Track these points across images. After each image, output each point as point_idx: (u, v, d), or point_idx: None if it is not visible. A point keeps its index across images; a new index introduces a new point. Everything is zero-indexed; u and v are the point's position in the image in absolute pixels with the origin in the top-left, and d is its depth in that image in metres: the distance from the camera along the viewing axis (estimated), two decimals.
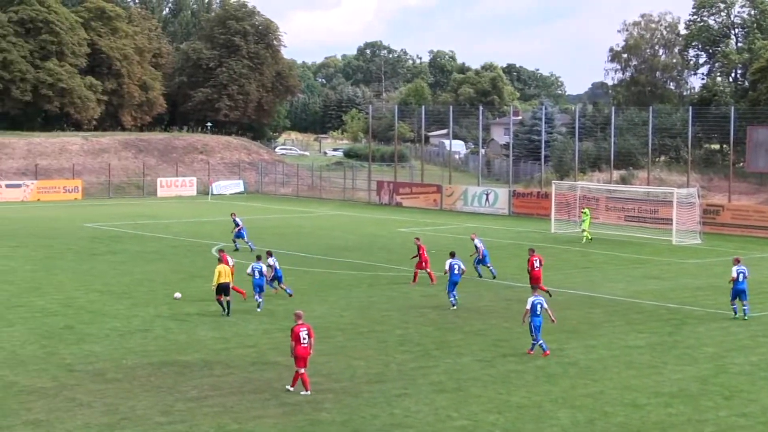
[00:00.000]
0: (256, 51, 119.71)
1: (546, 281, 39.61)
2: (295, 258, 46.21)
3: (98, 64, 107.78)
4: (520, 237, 57.10)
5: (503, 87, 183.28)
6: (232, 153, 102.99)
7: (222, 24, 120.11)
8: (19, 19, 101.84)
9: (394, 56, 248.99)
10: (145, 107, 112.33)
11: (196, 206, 76.55)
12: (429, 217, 68.48)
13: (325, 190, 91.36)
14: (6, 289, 36.30)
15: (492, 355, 26.82)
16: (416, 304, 34.18)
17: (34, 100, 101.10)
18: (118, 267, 42.46)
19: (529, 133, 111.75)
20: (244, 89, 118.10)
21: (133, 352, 26.64)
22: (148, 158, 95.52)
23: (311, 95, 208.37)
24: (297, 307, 33.24)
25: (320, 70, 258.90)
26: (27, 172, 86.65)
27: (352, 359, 26.12)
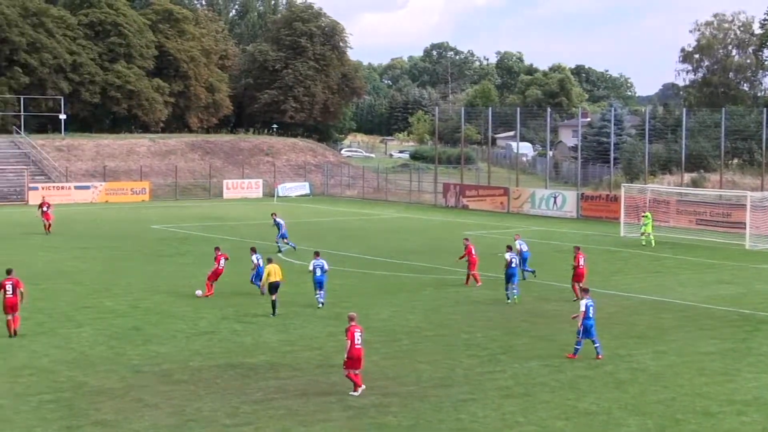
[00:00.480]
0: (322, 52, 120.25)
1: (616, 285, 39.43)
2: (361, 260, 46.33)
3: (165, 66, 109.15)
4: (588, 240, 56.62)
5: (572, 88, 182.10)
6: (298, 155, 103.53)
7: (288, 26, 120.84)
8: (88, 22, 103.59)
9: (460, 57, 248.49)
10: (211, 109, 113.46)
11: (261, 208, 77.01)
12: (496, 220, 68.24)
13: (391, 193, 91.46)
14: (75, 290, 36.88)
15: (560, 360, 26.65)
16: (482, 308, 34.08)
17: (102, 102, 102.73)
18: (185, 269, 42.90)
19: (597, 135, 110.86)
20: (310, 91, 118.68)
21: (199, 353, 26.90)
22: (214, 160, 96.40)
23: (377, 97, 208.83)
24: (360, 309, 33.36)
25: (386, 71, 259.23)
26: (95, 173, 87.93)
27: (418, 363, 26.12)
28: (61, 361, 25.90)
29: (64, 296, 35.51)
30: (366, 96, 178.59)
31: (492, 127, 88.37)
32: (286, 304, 34.04)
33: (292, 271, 41.31)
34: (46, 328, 29.99)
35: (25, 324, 30.30)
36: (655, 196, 62.56)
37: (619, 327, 31.05)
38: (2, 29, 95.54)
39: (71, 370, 24.94)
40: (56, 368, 25.13)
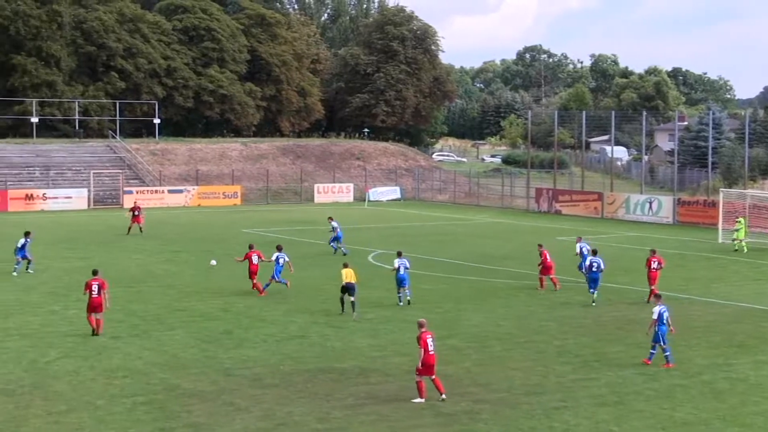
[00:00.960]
0: (414, 56, 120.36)
1: (715, 293, 38.79)
2: (452, 266, 46.25)
3: (257, 70, 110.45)
4: (685, 247, 55.75)
5: (668, 91, 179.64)
6: (389, 159, 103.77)
7: (380, 29, 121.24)
8: (183, 27, 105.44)
9: (554, 60, 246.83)
10: (303, 113, 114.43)
11: (352, 213, 77.38)
12: (589, 226, 67.56)
13: (483, 197, 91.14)
14: (168, 293, 37.45)
15: (655, 368, 26.26)
16: (575, 314, 33.76)
17: (195, 106, 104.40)
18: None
19: (695, 139, 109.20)
20: (401, 95, 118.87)
21: (290, 358, 27.10)
22: (305, 164, 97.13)
23: (469, 101, 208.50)
24: (451, 314, 33.30)
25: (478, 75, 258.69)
26: (188, 177, 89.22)
27: (509, 369, 25.98)
28: (154, 363, 26.33)
29: (157, 299, 36.10)
30: (458, 100, 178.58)
31: (586, 131, 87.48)
32: (376, 309, 34.17)
33: (379, 276, 41.38)
34: (140, 330, 30.52)
35: (119, 326, 30.90)
36: (755, 202, 61.37)
37: (718, 336, 30.52)
38: (100, 35, 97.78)
39: (164, 373, 25.33)
40: (149, 370, 25.55)
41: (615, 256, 50.42)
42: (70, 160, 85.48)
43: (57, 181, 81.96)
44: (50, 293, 37.12)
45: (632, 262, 47.00)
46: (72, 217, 69.53)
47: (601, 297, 37.12)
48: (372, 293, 37.70)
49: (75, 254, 49.01)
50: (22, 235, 42.84)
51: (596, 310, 34.76)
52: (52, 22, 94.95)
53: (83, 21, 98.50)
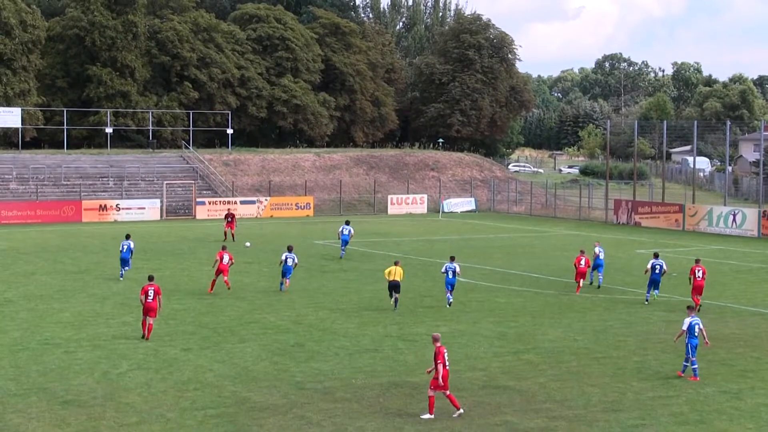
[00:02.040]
0: (490, 65, 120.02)
1: None
2: (528, 279, 45.99)
3: (331, 80, 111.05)
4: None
5: (754, 100, 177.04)
6: (464, 170, 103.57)
7: (456, 38, 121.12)
8: (256, 36, 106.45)
9: (634, 69, 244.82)
10: (377, 123, 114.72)
11: (427, 224, 77.37)
12: (670, 238, 66.74)
13: (560, 209, 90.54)
14: (239, 305, 37.74)
15: (738, 386, 25.83)
16: (655, 330, 33.35)
17: (268, 116, 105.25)
18: (348, 285, 43.39)
19: None
20: (477, 104, 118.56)
21: (362, 371, 27.14)
22: (379, 175, 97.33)
23: (546, 110, 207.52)
24: (527, 329, 33.10)
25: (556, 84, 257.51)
26: (261, 188, 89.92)
27: (586, 386, 25.74)
28: (225, 376, 26.54)
29: (228, 311, 36.40)
30: (535, 109, 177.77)
31: (667, 141, 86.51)
32: (449, 323, 34.10)
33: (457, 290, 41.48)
34: (211, 342, 30.79)
35: (190, 338, 31.25)
36: None
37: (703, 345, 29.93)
38: (174, 45, 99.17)
39: (235, 386, 25.53)
40: (220, 383, 25.76)
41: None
42: (144, 170, 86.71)
43: (130, 191, 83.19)
44: (123, 304, 37.64)
45: (714, 276, 46.31)
46: (145, 228, 70.46)
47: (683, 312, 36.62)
48: (445, 306, 37.65)
49: (148, 265, 49.59)
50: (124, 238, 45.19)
51: (677, 325, 34.19)
52: (127, 33, 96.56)
53: (158, 31, 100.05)
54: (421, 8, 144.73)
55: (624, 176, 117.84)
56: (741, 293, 42.02)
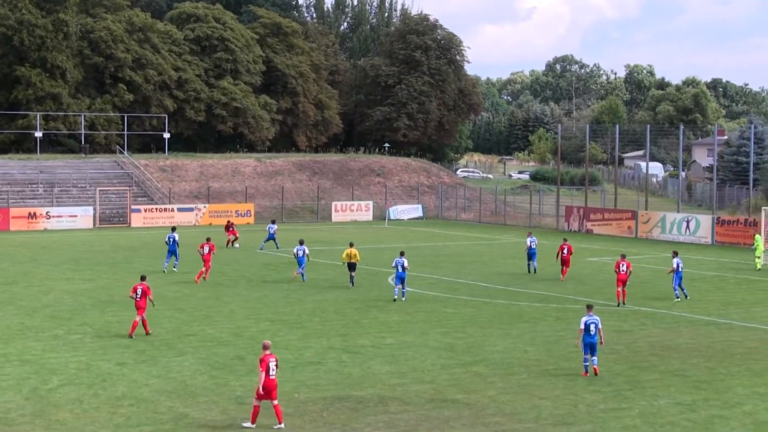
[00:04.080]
0: (438, 67, 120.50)
1: (757, 317, 38.64)
2: (477, 288, 46.17)
3: (273, 82, 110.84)
4: (724, 269, 55.52)
5: (707, 104, 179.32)
6: (411, 176, 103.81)
7: (402, 38, 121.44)
8: (195, 37, 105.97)
9: (586, 71, 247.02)
10: (320, 127, 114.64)
11: (372, 232, 77.43)
12: (622, 246, 67.32)
13: (510, 216, 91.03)
14: (177, 317, 37.52)
15: (692, 398, 26.11)
16: (608, 340, 33.59)
17: (207, 120, 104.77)
18: (291, 295, 43.29)
19: (735, 154, 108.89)
20: (424, 107, 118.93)
21: (305, 385, 27.08)
22: (322, 181, 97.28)
23: (496, 114, 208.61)
24: (475, 340, 33.22)
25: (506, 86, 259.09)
26: (199, 195, 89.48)
27: (537, 398, 25.89)
28: (161, 391, 26.35)
29: (165, 323, 36.16)
30: (484, 113, 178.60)
31: (619, 145, 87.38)
32: (395, 334, 34.13)
33: (399, 298, 41.64)
34: (147, 356, 30.56)
35: (125, 352, 31.00)
36: None
37: (759, 363, 30.33)
38: (108, 46, 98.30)
39: (172, 401, 25.35)
40: (156, 399, 25.58)
41: (649, 279, 50.27)
42: (75, 176, 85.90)
43: (61, 198, 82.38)
44: (53, 317, 37.25)
45: (668, 285, 46.80)
46: (77, 237, 69.83)
47: (637, 321, 37.17)
48: (391, 317, 37.73)
49: (80, 276, 49.20)
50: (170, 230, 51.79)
51: (630, 336, 34.63)
52: (57, 32, 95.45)
53: (90, 31, 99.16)
54: (366, 8, 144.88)
55: (575, 182, 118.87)
56: (695, 302, 42.51)
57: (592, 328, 28.24)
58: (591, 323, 28.25)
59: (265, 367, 23.06)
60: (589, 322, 28.26)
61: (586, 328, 28.24)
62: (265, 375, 23.05)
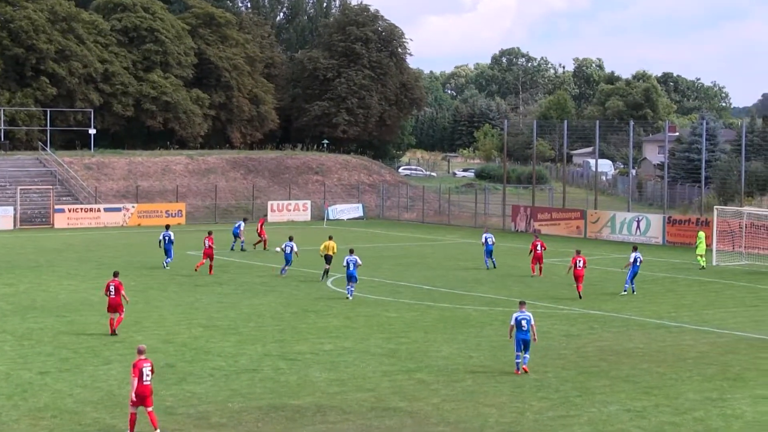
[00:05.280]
0: (379, 60, 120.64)
1: (708, 320, 39.06)
2: (420, 291, 46.27)
3: (205, 75, 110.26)
4: (675, 270, 56.15)
5: (658, 99, 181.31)
6: (351, 173, 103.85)
7: (341, 30, 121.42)
8: (122, 27, 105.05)
9: (533, 65, 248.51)
10: (255, 123, 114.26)
11: (310, 232, 77.32)
12: (571, 246, 67.65)
13: (454, 216, 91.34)
14: (104, 323, 37.16)
15: (642, 404, 26.37)
16: (556, 345, 33.86)
17: (136, 115, 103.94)
18: (225, 299, 43.13)
19: (687, 151, 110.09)
20: (364, 102, 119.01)
21: (240, 394, 26.99)
22: (258, 179, 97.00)
23: (439, 109, 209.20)
24: (419, 345, 33.29)
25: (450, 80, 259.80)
26: (127, 194, 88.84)
27: (482, 406, 26.00)
28: (86, 401, 26.13)
29: (91, 329, 35.87)
30: (427, 108, 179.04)
31: (567, 142, 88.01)
32: (335, 339, 34.11)
33: (339, 303, 41.66)
34: (71, 364, 30.28)
35: (48, 360, 30.70)
36: (752, 221, 61.86)
37: (711, 367, 30.69)
38: (29, 36, 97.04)
39: (98, 412, 25.14)
40: (81, 409, 25.35)
41: (598, 280, 50.70)
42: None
43: None
44: None
45: (618, 287, 47.26)
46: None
47: (585, 325, 37.48)
48: (330, 322, 37.71)
49: (0, 279, 48.62)
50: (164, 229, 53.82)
51: (578, 340, 34.90)
52: None
53: (10, 20, 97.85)
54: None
55: (522, 180, 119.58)
56: (645, 305, 42.94)
57: (524, 324, 29.13)
58: (522, 319, 29.14)
59: (137, 372, 23.10)
60: (520, 318, 29.17)
61: (517, 325, 29.15)
62: (138, 381, 23.05)
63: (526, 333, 29.19)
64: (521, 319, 29.20)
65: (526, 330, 29.18)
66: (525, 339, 29.21)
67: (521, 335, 29.20)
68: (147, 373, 23.21)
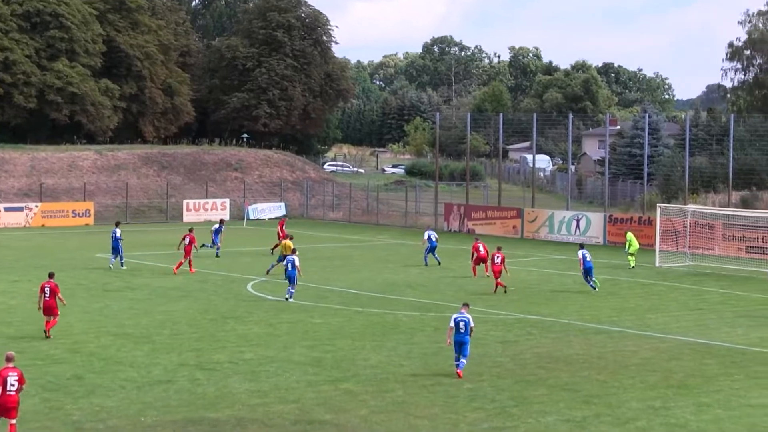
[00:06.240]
0: (302, 48, 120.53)
1: (651, 325, 39.52)
2: (347, 296, 46.29)
3: (115, 64, 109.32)
4: (616, 272, 56.67)
5: (598, 90, 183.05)
6: (272, 170, 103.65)
7: (262, 16, 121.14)
8: (24, 12, 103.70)
9: (467, 54, 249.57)
10: (170, 115, 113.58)
11: (229, 233, 76.93)
12: (507, 247, 68.00)
13: (383, 215, 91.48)
14: (4, 332, 36.79)
15: (583, 414, 26.59)
16: (491, 352, 34.04)
17: (39, 107, 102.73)
18: (136, 306, 42.82)
19: (628, 146, 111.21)
20: (287, 94, 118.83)
21: (153, 407, 26.82)
22: (172, 176, 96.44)
23: (367, 101, 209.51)
24: (346, 353, 33.31)
25: (378, 70, 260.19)
26: (30, 192, 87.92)
27: (414, 417, 26.06)
28: None
29: None
30: (354, 100, 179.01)
31: (503, 136, 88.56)
32: (255, 348, 34.01)
33: (261, 309, 41.59)
34: None
35: None
36: (697, 219, 62.62)
37: (654, 375, 31.02)
38: None
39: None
40: None
41: (536, 282, 51.06)
42: None
43: None
44: None
45: (556, 290, 47.64)
46: None
47: (522, 331, 37.71)
48: (251, 329, 37.60)
49: None
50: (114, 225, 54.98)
51: (516, 347, 35.09)
52: None
53: None
54: None
55: (456, 177, 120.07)
56: (585, 309, 43.31)
57: (462, 326, 29.76)
58: (460, 321, 29.92)
59: (1, 381, 22.86)
60: (458, 319, 29.96)
61: (455, 326, 29.82)
62: (2, 391, 22.83)
63: (463, 335, 29.77)
64: (459, 320, 29.90)
65: (463, 332, 29.75)
66: (461, 341, 29.77)
67: (458, 337, 29.80)
68: (12, 383, 22.88)
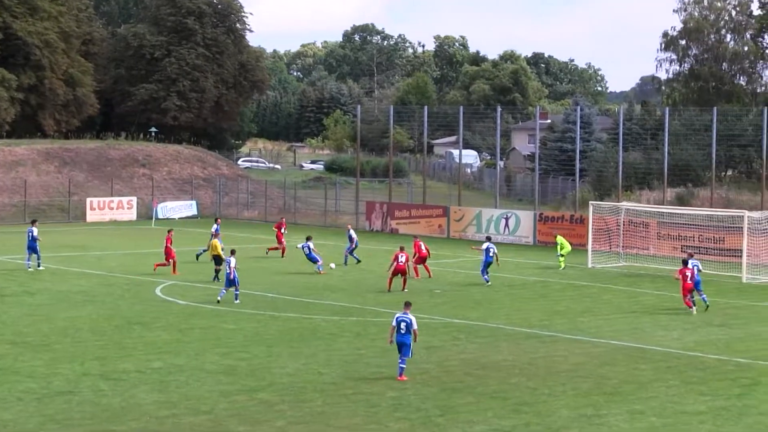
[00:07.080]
0: (215, 37, 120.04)
1: (583, 328, 39.84)
2: (262, 300, 46.17)
3: (12, 53, 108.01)
4: (547, 273, 57.04)
5: (527, 82, 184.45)
6: (183, 166, 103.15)
7: (171, 2, 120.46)
8: None
9: (389, 43, 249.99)
10: (72, 108, 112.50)
11: (136, 234, 76.58)
12: (432, 248, 68.33)
13: (301, 213, 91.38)
14: None
15: (512, 423, 26.74)
16: (416, 359, 34.07)
17: None
18: (36, 312, 42.39)
19: (560, 140, 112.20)
20: (198, 85, 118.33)
21: (54, 420, 26.57)
22: (75, 173, 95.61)
23: (284, 93, 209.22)
24: (260, 361, 33.24)
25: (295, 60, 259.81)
26: None
27: (334, 429, 26.06)
28: None
29: None
30: (270, 92, 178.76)
31: (428, 130, 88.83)
32: (164, 355, 33.80)
33: (170, 313, 41.41)
34: None
35: None
36: (630, 217, 63.14)
37: (587, 381, 31.26)
38: None
39: None
40: None
41: (463, 285, 51.25)
42: None
43: None
44: None
45: (484, 292, 47.88)
46: None
47: (448, 336, 37.80)
48: (160, 336, 37.38)
49: None
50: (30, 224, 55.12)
51: (441, 352, 35.18)
52: None
53: None
54: None
55: (378, 173, 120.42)
56: (514, 312, 43.54)
57: (403, 326, 30.48)
58: (402, 321, 30.53)
59: None
60: (400, 319, 30.59)
61: (397, 326, 30.54)
62: None
63: (404, 336, 30.42)
64: (401, 320, 30.51)
65: (404, 333, 30.30)
66: (402, 342, 30.38)
67: (399, 338, 30.49)
68: None
